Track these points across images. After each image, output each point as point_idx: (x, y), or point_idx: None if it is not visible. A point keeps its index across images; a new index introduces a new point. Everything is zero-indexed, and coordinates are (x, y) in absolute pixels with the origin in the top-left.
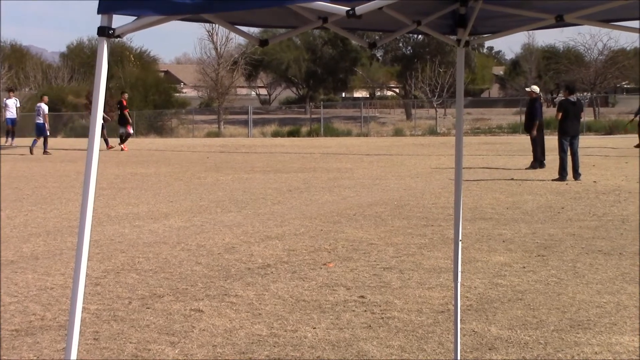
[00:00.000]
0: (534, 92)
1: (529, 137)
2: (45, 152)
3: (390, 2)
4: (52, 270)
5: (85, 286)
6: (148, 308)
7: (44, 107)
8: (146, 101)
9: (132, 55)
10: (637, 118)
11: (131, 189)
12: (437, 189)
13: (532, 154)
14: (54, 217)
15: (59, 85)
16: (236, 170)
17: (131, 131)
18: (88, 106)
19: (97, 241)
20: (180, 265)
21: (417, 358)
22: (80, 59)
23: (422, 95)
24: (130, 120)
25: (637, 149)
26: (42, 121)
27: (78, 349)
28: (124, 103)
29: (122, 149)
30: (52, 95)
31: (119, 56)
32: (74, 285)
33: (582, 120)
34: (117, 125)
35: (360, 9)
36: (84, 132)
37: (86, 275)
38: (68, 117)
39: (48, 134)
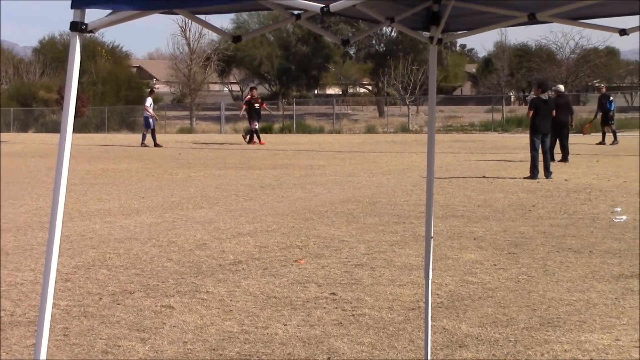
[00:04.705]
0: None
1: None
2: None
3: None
4: (22, 266)
5: (55, 282)
6: (118, 304)
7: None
8: (118, 96)
9: (104, 50)
10: (599, 117)
11: (102, 184)
12: (409, 186)
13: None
14: (24, 213)
15: (31, 80)
16: (208, 167)
17: (254, 127)
18: (60, 101)
19: (67, 237)
20: (151, 262)
21: (387, 355)
22: (52, 54)
23: (394, 93)
24: (259, 116)
25: (600, 146)
26: (147, 114)
27: (48, 345)
28: (249, 99)
29: (250, 142)
30: (23, 90)
31: (91, 51)
32: (44, 281)
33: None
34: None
35: (334, 6)
36: (55, 127)
37: (56, 271)
38: (39, 112)
39: (152, 127)
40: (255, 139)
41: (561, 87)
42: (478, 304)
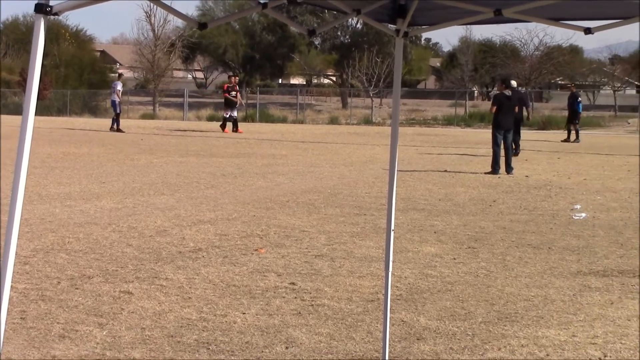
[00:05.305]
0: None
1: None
2: (112, 129)
3: None
4: None
5: (13, 265)
6: (77, 289)
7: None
8: (81, 80)
9: (67, 34)
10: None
11: (63, 168)
12: (370, 178)
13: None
14: None
15: None
16: (170, 153)
17: (226, 115)
18: (21, 83)
19: (26, 220)
20: (110, 247)
21: (345, 346)
22: (15, 35)
23: (358, 85)
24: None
25: (563, 144)
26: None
27: (4, 328)
28: (227, 87)
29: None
30: None
31: (54, 34)
32: (3, 264)
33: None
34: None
35: None
36: (17, 109)
37: (15, 254)
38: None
39: (119, 111)
40: (224, 126)
41: (513, 83)
42: (437, 297)
